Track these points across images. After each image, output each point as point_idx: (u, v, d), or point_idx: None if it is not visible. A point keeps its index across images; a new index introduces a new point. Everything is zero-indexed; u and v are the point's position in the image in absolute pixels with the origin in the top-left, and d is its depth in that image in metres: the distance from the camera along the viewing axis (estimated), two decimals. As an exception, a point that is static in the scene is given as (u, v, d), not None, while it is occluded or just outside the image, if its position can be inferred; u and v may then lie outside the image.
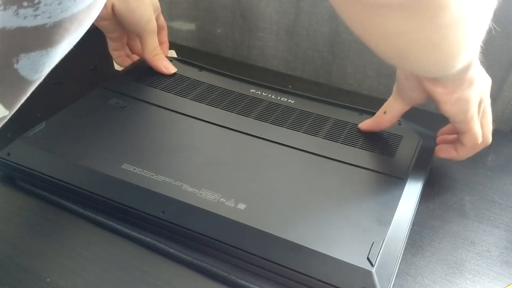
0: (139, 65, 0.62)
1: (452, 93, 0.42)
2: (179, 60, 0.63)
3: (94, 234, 0.43)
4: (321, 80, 0.75)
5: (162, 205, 0.41)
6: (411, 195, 0.44)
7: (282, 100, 0.56)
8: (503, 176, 0.51)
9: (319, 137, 0.50)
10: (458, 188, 0.50)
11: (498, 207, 0.47)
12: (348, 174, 0.45)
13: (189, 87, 0.57)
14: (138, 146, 0.47)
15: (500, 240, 0.44)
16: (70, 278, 0.38)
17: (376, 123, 0.50)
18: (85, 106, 0.53)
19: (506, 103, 0.63)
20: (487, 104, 0.46)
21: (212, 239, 0.39)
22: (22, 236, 0.42)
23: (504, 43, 0.60)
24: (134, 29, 0.57)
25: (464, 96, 0.42)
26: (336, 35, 0.70)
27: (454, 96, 0.42)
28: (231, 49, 0.81)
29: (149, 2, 0.57)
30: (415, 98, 0.46)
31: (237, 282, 0.38)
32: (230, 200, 0.41)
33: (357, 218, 0.40)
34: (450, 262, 0.42)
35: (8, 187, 0.47)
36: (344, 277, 0.35)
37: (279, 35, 0.75)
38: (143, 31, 0.57)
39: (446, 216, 0.46)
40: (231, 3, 0.76)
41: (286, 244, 0.37)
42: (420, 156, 0.48)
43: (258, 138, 0.49)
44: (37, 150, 0.46)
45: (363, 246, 0.37)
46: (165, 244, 0.41)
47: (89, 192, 0.43)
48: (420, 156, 0.48)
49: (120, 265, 0.40)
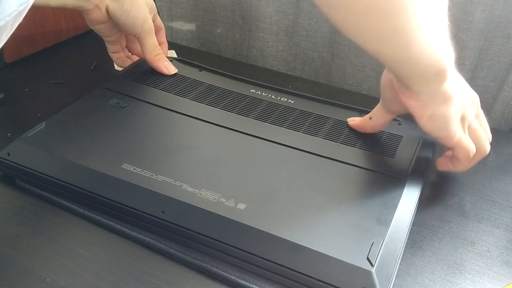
0: (139, 65, 0.62)
1: (425, 108, 0.41)
2: (179, 60, 0.63)
3: (94, 234, 0.43)
4: (320, 80, 0.75)
5: (162, 205, 0.41)
6: (411, 195, 0.44)
7: (282, 100, 0.56)
8: (503, 176, 0.51)
9: (319, 137, 0.50)
10: (458, 188, 0.50)
11: (498, 207, 0.47)
12: (348, 174, 0.45)
13: (189, 87, 0.57)
14: (138, 146, 0.47)
15: (500, 240, 0.44)
16: (69, 278, 0.38)
17: (360, 126, 0.51)
18: (85, 106, 0.53)
19: (506, 103, 0.63)
20: (473, 122, 0.45)
21: (212, 239, 0.39)
22: (22, 236, 0.42)
23: (504, 44, 0.60)
24: (131, 30, 0.57)
25: (438, 112, 0.41)
26: (335, 36, 0.70)
27: (427, 111, 0.41)
28: (231, 49, 0.81)
29: (143, 3, 0.57)
30: (396, 109, 0.46)
31: (237, 282, 0.38)
32: (230, 200, 0.41)
33: (357, 218, 0.40)
34: (450, 262, 0.42)
35: (8, 187, 0.47)
36: (344, 277, 0.35)
37: (279, 35, 0.75)
38: (139, 31, 0.57)
39: (446, 216, 0.46)
40: (231, 3, 0.76)
41: (286, 244, 0.37)
42: (420, 156, 0.48)
43: (258, 138, 0.49)
44: (37, 150, 0.46)
45: (363, 246, 0.37)
46: (165, 244, 0.41)
47: (89, 192, 0.43)
48: (420, 156, 0.48)
49: (120, 265, 0.40)
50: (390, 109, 0.47)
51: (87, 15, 0.56)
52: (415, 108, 0.42)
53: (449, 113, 0.41)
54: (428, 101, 0.41)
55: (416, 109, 0.42)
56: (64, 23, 0.73)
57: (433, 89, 0.40)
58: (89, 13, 0.55)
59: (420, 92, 0.40)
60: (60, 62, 0.70)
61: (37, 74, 0.66)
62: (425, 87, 0.40)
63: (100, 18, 0.56)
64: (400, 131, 0.51)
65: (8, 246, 0.41)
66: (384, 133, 0.51)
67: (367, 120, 0.50)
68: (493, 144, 0.47)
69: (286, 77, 0.72)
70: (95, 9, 0.55)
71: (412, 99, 0.41)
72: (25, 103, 0.60)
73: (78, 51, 0.73)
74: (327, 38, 0.71)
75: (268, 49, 0.76)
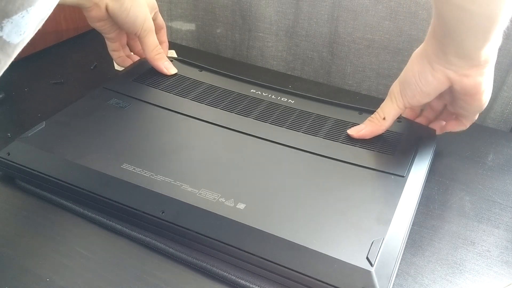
0: (139, 65, 0.62)
1: (484, 82, 0.45)
2: (179, 60, 0.63)
3: (94, 233, 0.43)
4: (320, 80, 0.75)
5: (162, 205, 0.41)
6: (411, 194, 0.44)
7: (282, 100, 0.56)
8: (503, 176, 0.51)
9: (319, 137, 0.50)
10: (458, 188, 0.50)
11: (498, 207, 0.47)
12: (348, 173, 0.45)
13: (189, 87, 0.57)
14: (138, 146, 0.47)
15: (500, 240, 0.44)
16: (69, 277, 0.38)
17: (375, 130, 0.50)
18: (85, 106, 0.53)
19: (506, 103, 0.63)
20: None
21: (212, 239, 0.39)
22: (22, 236, 0.42)
23: (504, 44, 0.60)
24: (131, 29, 0.57)
25: (490, 81, 0.46)
26: (335, 36, 0.70)
27: (487, 84, 0.45)
28: (231, 49, 0.81)
29: (143, 2, 0.57)
30: (425, 96, 0.47)
31: (237, 281, 0.38)
32: (229, 200, 0.41)
33: (357, 217, 0.40)
34: (450, 262, 0.41)
35: (8, 187, 0.47)
36: (344, 277, 0.35)
37: (279, 36, 0.75)
38: (140, 30, 0.57)
39: (446, 216, 0.46)
40: (231, 3, 0.76)
41: (285, 244, 0.37)
42: (421, 154, 0.48)
43: (258, 138, 0.49)
44: (37, 150, 0.46)
45: (362, 246, 0.37)
46: (164, 244, 0.41)
47: (89, 191, 0.43)
48: (421, 154, 0.48)
49: (120, 265, 0.40)
50: (417, 98, 0.47)
51: (86, 12, 0.56)
52: (479, 84, 0.45)
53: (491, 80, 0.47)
54: (488, 74, 0.45)
55: (480, 85, 0.45)
56: (64, 23, 0.73)
57: (489, 59, 0.44)
58: (89, 11, 0.55)
59: (486, 69, 0.44)
60: (60, 62, 0.70)
61: (37, 74, 0.66)
62: (489, 59, 0.44)
63: (100, 16, 0.56)
64: (400, 128, 0.51)
65: (8, 246, 0.41)
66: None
67: (382, 122, 0.49)
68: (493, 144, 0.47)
69: (286, 77, 0.72)
70: (95, 7, 0.55)
71: (478, 76, 0.44)
72: (25, 103, 0.60)
73: (78, 51, 0.73)
74: (327, 38, 0.71)
75: (268, 49, 0.76)
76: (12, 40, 0.26)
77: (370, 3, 0.65)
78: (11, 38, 0.26)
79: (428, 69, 0.45)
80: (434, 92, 0.46)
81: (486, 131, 0.59)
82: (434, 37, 0.44)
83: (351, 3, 0.66)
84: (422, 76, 0.46)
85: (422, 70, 0.45)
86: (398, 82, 0.48)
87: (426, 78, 0.45)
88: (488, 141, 0.56)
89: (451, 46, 0.43)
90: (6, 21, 0.25)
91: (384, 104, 0.49)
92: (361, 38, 0.68)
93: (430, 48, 0.45)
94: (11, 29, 0.25)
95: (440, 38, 0.43)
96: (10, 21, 0.25)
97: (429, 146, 0.50)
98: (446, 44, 0.43)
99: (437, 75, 0.45)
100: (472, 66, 0.44)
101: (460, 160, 0.53)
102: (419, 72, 0.46)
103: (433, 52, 0.44)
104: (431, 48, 0.45)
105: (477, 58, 0.43)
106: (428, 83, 0.45)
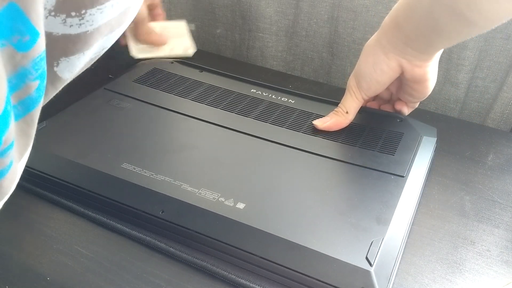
0: (139, 67, 0.62)
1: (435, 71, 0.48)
2: (179, 62, 0.63)
3: (94, 233, 0.43)
4: (320, 80, 0.75)
5: (162, 204, 0.41)
6: (411, 193, 0.44)
7: (282, 100, 0.56)
8: (503, 176, 0.51)
9: (319, 137, 0.50)
10: (458, 188, 0.50)
11: (498, 207, 0.47)
12: (348, 173, 0.45)
13: (190, 88, 0.57)
14: (138, 146, 0.47)
15: (500, 239, 0.44)
16: (70, 276, 0.38)
17: (339, 123, 0.51)
18: (86, 106, 0.53)
19: (506, 104, 0.63)
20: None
21: (211, 238, 0.39)
22: (22, 236, 0.42)
23: (504, 44, 0.60)
24: None
25: (435, 69, 0.48)
26: (335, 36, 0.70)
27: (429, 74, 0.48)
28: (231, 49, 0.81)
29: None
30: (380, 86, 0.49)
31: (237, 281, 0.38)
32: (229, 200, 0.41)
33: (356, 217, 0.40)
34: (450, 262, 0.41)
35: (8, 186, 0.47)
36: (343, 276, 0.35)
37: (279, 36, 0.75)
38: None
39: (446, 215, 0.46)
40: (231, 3, 0.76)
41: (285, 244, 0.37)
42: (421, 154, 0.48)
43: (258, 138, 0.49)
44: (37, 149, 0.46)
45: (362, 246, 0.37)
46: (165, 243, 0.41)
47: (89, 191, 0.43)
48: (421, 154, 0.48)
49: (120, 264, 0.40)
50: (374, 92, 0.50)
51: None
52: (427, 73, 0.47)
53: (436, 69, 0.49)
54: (434, 63, 0.48)
55: (428, 73, 0.47)
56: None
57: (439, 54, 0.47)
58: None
59: (435, 59, 0.47)
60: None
61: (38, 74, 0.66)
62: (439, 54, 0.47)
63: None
64: (401, 127, 0.51)
65: (9, 245, 0.41)
66: (385, 130, 0.51)
67: (345, 115, 0.51)
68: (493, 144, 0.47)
69: (286, 77, 0.72)
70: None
71: (427, 67, 0.47)
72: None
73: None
74: (327, 38, 0.71)
75: (268, 49, 0.76)
76: (63, 76, 0.27)
77: (370, 3, 0.65)
78: (63, 74, 0.27)
79: (382, 59, 0.47)
80: (388, 81, 0.48)
81: (486, 131, 0.59)
82: (397, 29, 0.45)
83: (351, 3, 0.66)
84: (377, 67, 0.47)
85: (377, 61, 0.47)
86: (353, 76, 0.50)
87: (382, 68, 0.47)
88: (488, 141, 0.56)
89: (420, 42, 0.44)
90: (63, 59, 0.26)
91: (344, 99, 0.51)
92: (361, 38, 0.68)
93: (386, 39, 0.46)
94: (65, 67, 0.27)
95: (408, 32, 0.44)
96: (67, 60, 0.26)
97: (429, 146, 0.50)
98: (413, 40, 0.44)
99: (391, 63, 0.46)
100: (425, 59, 0.46)
101: (460, 160, 0.53)
102: (373, 63, 0.47)
103: (390, 42, 0.46)
104: (388, 38, 0.46)
105: (434, 54, 0.46)
106: (383, 72, 0.47)
